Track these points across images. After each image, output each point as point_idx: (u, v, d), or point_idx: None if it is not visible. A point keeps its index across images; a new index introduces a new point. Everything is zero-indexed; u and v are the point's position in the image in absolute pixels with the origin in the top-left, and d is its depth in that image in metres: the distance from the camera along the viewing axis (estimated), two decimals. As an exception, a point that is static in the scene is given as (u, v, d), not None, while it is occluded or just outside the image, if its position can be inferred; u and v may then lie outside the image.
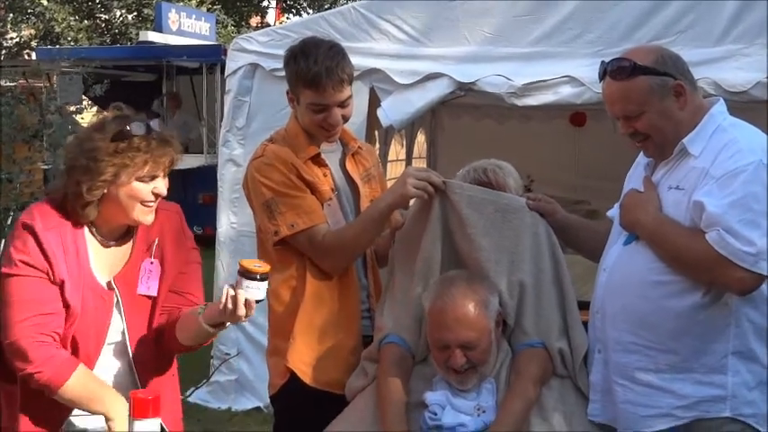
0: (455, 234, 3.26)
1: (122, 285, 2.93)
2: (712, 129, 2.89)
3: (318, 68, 3.30)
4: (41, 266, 2.77)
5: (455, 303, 3.04)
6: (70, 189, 2.82)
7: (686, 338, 2.87)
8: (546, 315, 3.19)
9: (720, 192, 2.75)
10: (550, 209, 3.31)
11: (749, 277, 2.73)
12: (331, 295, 3.42)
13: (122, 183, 2.81)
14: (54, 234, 2.81)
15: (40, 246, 2.78)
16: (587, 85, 5.23)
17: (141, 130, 2.82)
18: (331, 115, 3.37)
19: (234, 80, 6.20)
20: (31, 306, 2.76)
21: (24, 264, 2.77)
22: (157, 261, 2.97)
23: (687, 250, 2.81)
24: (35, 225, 2.79)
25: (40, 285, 2.78)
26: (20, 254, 2.77)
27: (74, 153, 2.84)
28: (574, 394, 3.14)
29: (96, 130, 2.85)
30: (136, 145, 2.81)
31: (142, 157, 2.81)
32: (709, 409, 2.87)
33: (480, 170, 3.45)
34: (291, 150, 3.40)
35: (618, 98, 2.93)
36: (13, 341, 2.75)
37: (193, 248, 3.11)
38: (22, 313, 2.76)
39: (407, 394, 3.10)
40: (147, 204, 2.86)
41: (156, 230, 2.98)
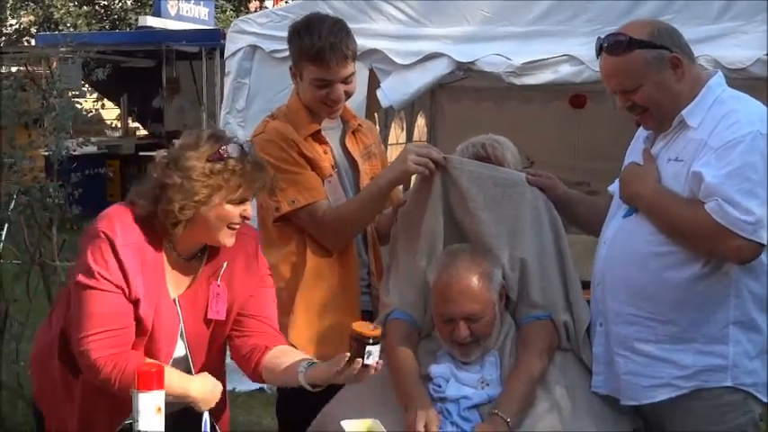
0: (456, 209, 3.29)
1: (186, 305, 2.91)
2: (711, 100, 2.90)
3: (322, 44, 3.31)
4: (119, 283, 2.75)
5: (459, 276, 3.06)
6: (162, 206, 2.78)
7: (686, 309, 2.89)
8: (550, 288, 3.23)
9: (718, 162, 2.77)
10: (550, 184, 3.33)
11: (748, 246, 2.74)
12: (331, 271, 3.45)
13: (214, 204, 2.79)
14: (134, 250, 2.78)
15: (119, 262, 2.75)
16: (586, 63, 5.24)
17: (236, 152, 2.80)
18: (334, 91, 3.39)
19: (233, 62, 6.20)
20: (105, 320, 2.74)
21: (103, 278, 2.73)
22: (224, 284, 2.94)
23: (686, 221, 2.83)
24: (116, 240, 2.75)
25: (116, 301, 2.75)
26: (99, 266, 2.74)
27: (166, 169, 2.79)
28: (576, 367, 3.17)
29: (191, 148, 2.81)
30: (231, 167, 2.78)
31: (236, 180, 2.79)
32: (710, 379, 2.90)
33: (479, 145, 3.47)
34: (292, 127, 3.42)
35: (615, 73, 2.94)
36: (84, 350, 2.74)
37: (267, 275, 3.07)
38: (96, 326, 2.74)
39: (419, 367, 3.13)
40: (232, 227, 2.84)
41: (228, 254, 2.94)
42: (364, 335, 2.62)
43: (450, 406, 2.99)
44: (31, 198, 5.28)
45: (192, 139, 2.86)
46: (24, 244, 5.26)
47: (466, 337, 3.04)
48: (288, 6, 6.95)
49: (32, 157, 5.97)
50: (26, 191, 5.30)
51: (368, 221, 3.54)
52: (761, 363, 2.92)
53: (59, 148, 5.42)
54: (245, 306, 2.98)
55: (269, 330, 3.00)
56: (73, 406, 2.87)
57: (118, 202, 2.92)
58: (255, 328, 2.99)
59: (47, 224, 5.22)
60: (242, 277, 2.97)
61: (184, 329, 2.91)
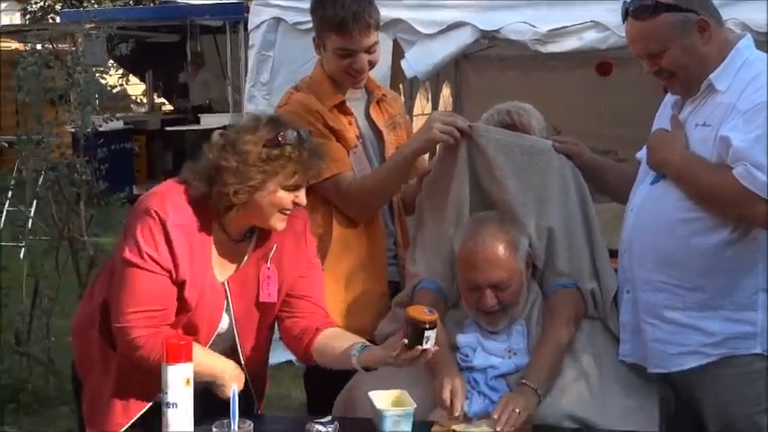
0: (483, 177, 3.27)
1: (235, 288, 2.91)
2: (739, 63, 2.86)
3: (345, 13, 3.30)
4: (166, 265, 2.74)
5: (485, 244, 3.05)
6: (216, 188, 2.77)
7: (714, 275, 2.86)
8: (577, 256, 3.21)
9: (746, 126, 2.73)
10: (577, 150, 3.30)
11: None
12: (358, 242, 3.45)
13: (268, 190, 2.77)
14: (184, 231, 2.77)
15: (169, 243, 2.74)
16: (612, 29, 5.19)
17: (294, 138, 2.78)
18: (357, 61, 3.37)
19: (257, 35, 6.19)
20: (148, 300, 2.74)
21: (150, 258, 2.73)
22: (274, 266, 2.93)
23: (714, 187, 2.80)
24: (167, 220, 2.74)
25: (161, 282, 2.75)
26: (148, 246, 2.73)
27: (223, 151, 2.78)
28: (602, 336, 3.15)
29: (248, 131, 2.79)
30: (287, 154, 2.76)
31: (292, 167, 2.77)
32: (739, 346, 2.87)
33: (504, 112, 3.45)
34: (316, 98, 3.41)
35: (641, 37, 2.90)
36: (123, 327, 2.75)
37: (315, 256, 3.07)
38: (137, 304, 2.74)
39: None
40: (284, 212, 2.83)
41: (278, 236, 2.93)
42: (422, 320, 2.60)
43: (477, 375, 2.98)
44: (58, 174, 5.31)
45: (250, 123, 2.84)
46: (53, 219, 5.30)
47: (493, 306, 3.03)
48: (311, -22, 6.92)
49: (59, 134, 6.01)
50: (54, 167, 5.34)
51: (393, 191, 3.52)
52: None
53: (85, 124, 5.44)
54: (294, 287, 2.98)
55: (319, 312, 2.99)
56: (109, 377, 2.88)
57: (170, 179, 2.90)
58: (306, 310, 2.98)
59: (74, 200, 5.25)
60: (291, 259, 2.96)
61: (233, 311, 2.91)
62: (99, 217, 5.46)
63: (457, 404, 2.83)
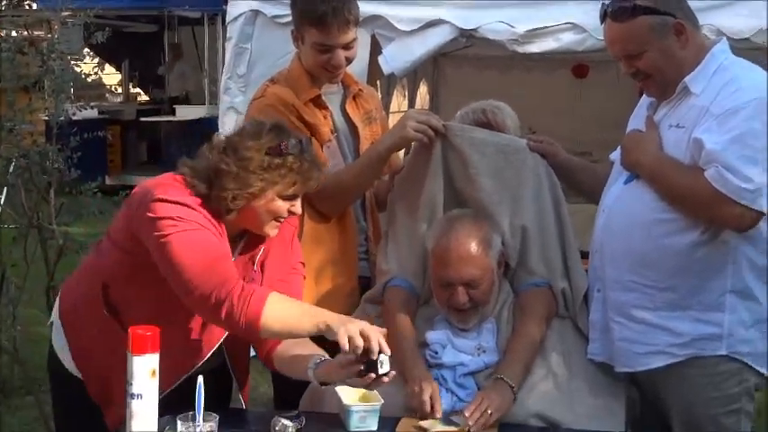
0: (456, 176, 3.27)
1: None
2: (714, 67, 2.88)
3: (325, 8, 3.29)
4: (203, 222, 2.71)
5: (459, 241, 3.05)
6: (215, 192, 2.74)
7: (685, 276, 2.88)
8: (549, 256, 3.22)
9: (720, 128, 2.74)
10: (552, 150, 3.31)
11: (747, 214, 2.73)
12: (330, 237, 3.44)
13: (266, 198, 2.76)
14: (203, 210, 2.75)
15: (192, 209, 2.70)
16: (589, 31, 5.18)
17: (296, 148, 2.76)
18: (335, 56, 3.37)
19: (235, 27, 6.14)
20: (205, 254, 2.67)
21: (185, 220, 2.67)
22: (259, 269, 2.92)
23: (686, 188, 2.81)
24: (180, 199, 2.70)
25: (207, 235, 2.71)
26: (175, 213, 2.66)
27: (223, 155, 2.76)
28: (572, 334, 3.17)
29: (251, 137, 2.77)
30: (289, 164, 2.75)
31: (293, 177, 2.76)
32: (705, 347, 2.89)
33: (479, 110, 3.45)
34: (292, 91, 3.40)
35: (619, 38, 2.92)
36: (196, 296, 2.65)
37: (299, 263, 3.05)
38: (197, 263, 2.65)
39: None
40: (279, 220, 2.83)
41: (266, 240, 2.92)
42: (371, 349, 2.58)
43: (445, 372, 2.98)
44: (29, 161, 5.26)
45: (253, 129, 2.82)
46: (22, 207, 5.25)
47: (465, 303, 3.03)
48: (290, -29, 6.89)
49: (33, 122, 5.95)
50: (25, 154, 5.28)
51: (366, 187, 3.52)
52: (758, 332, 2.91)
53: (58, 112, 5.39)
54: (271, 290, 2.94)
55: None
56: (117, 356, 2.76)
57: (167, 173, 2.86)
58: None
59: (45, 188, 5.20)
60: (275, 262, 2.95)
61: None
62: (70, 206, 5.42)
63: (437, 407, 2.86)
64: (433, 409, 2.84)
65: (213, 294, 2.63)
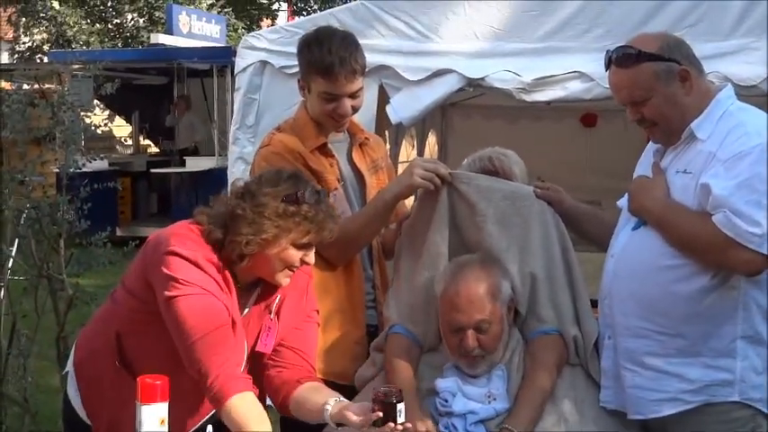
0: (463, 224, 3.27)
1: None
2: (719, 113, 2.89)
3: (332, 58, 3.31)
4: (209, 287, 2.73)
5: (468, 286, 3.05)
6: (230, 237, 2.77)
7: (695, 322, 2.87)
8: (559, 302, 3.21)
9: (727, 173, 2.75)
10: (557, 197, 3.32)
11: (756, 259, 2.72)
12: (336, 285, 3.44)
13: (280, 246, 2.78)
14: (210, 265, 2.76)
15: (202, 271, 2.73)
16: (596, 80, 5.20)
17: (313, 198, 2.79)
18: (341, 105, 3.38)
19: (243, 78, 6.19)
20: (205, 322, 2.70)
21: (192, 283, 2.70)
22: (275, 318, 2.93)
23: (694, 234, 2.81)
24: (193, 254, 2.73)
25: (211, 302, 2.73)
26: (183, 275, 2.70)
27: (241, 200, 2.79)
28: (584, 382, 3.15)
29: (269, 184, 2.80)
30: (304, 212, 2.77)
31: (307, 225, 2.78)
32: (717, 394, 2.87)
33: (486, 158, 3.46)
34: (299, 139, 3.42)
35: (624, 85, 2.93)
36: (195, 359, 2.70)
37: (313, 311, 3.06)
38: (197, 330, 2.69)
39: (416, 381, 3.11)
40: (292, 269, 2.84)
41: (282, 289, 2.94)
42: (390, 394, 2.61)
43: (456, 421, 2.97)
44: (40, 213, 5.28)
45: (272, 176, 2.86)
46: (32, 258, 5.26)
47: (474, 348, 3.02)
48: (298, 22, 6.95)
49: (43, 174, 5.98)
50: (36, 206, 5.30)
51: (373, 235, 3.51)
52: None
53: (69, 163, 5.42)
54: (286, 338, 2.96)
55: (305, 365, 2.97)
56: (127, 409, 2.76)
57: (182, 221, 2.89)
58: (292, 361, 2.96)
59: (55, 238, 5.21)
60: (290, 311, 2.96)
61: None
62: (80, 257, 5.43)
63: None
64: None
65: (202, 365, 2.69)
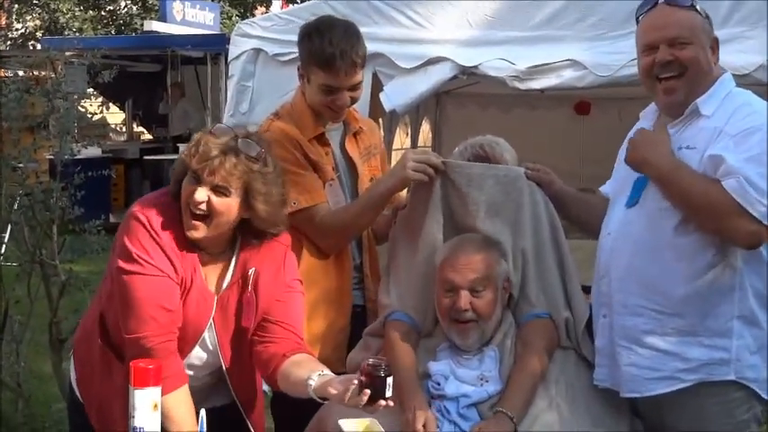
0: (457, 213, 3.29)
1: (218, 308, 2.90)
2: (724, 93, 2.93)
3: (333, 50, 3.29)
4: (163, 266, 2.74)
5: (467, 251, 3.13)
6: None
7: (693, 301, 2.88)
8: (549, 285, 3.24)
9: (737, 147, 2.77)
10: (548, 179, 3.33)
11: (759, 230, 2.73)
12: (326, 275, 3.46)
13: (184, 183, 2.77)
14: (171, 233, 2.77)
15: (159, 245, 2.74)
16: (590, 68, 5.23)
17: (224, 133, 2.77)
18: (340, 98, 3.38)
19: (237, 65, 6.20)
20: (152, 305, 2.74)
21: (145, 262, 2.73)
22: (253, 292, 2.91)
23: (701, 195, 2.80)
24: (152, 222, 2.75)
25: (162, 284, 2.75)
26: (139, 250, 2.73)
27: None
28: (575, 365, 3.17)
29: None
30: (195, 139, 2.77)
31: (193, 149, 2.74)
32: (714, 372, 2.89)
33: (477, 145, 3.48)
34: (297, 128, 3.41)
35: (673, 23, 2.94)
36: (141, 336, 2.73)
37: (294, 280, 3.02)
38: (142, 312, 2.73)
39: None
40: (194, 213, 2.76)
41: (257, 259, 2.91)
42: (378, 367, 2.56)
43: (448, 404, 2.99)
44: (33, 199, 5.28)
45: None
46: (25, 245, 5.27)
47: (467, 310, 3.05)
48: (292, 10, 6.95)
49: (37, 160, 5.98)
50: (29, 192, 5.31)
51: (366, 226, 3.53)
52: (761, 358, 2.92)
53: (63, 151, 5.42)
54: (269, 311, 2.94)
55: (291, 338, 2.95)
56: (113, 386, 2.85)
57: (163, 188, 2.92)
58: (279, 335, 2.94)
59: (48, 225, 5.22)
60: (268, 283, 2.93)
61: (214, 326, 2.90)
62: (73, 244, 5.43)
63: None
64: None
65: (155, 350, 2.73)
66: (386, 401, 2.57)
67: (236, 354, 2.96)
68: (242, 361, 2.98)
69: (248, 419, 3.06)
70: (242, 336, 2.95)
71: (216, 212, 2.75)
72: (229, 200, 2.75)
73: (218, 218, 2.76)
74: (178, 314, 2.79)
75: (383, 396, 2.56)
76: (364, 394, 2.53)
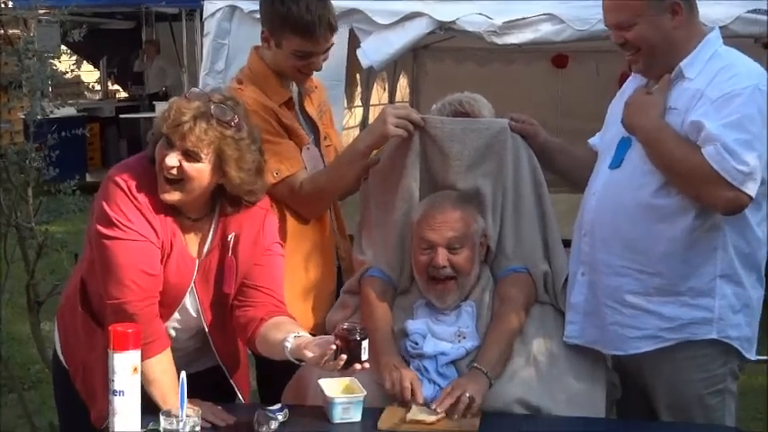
0: (436, 170, 3.28)
1: (198, 276, 2.89)
2: (709, 53, 2.90)
3: (312, 18, 3.23)
4: (143, 230, 2.72)
5: (444, 208, 3.11)
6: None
7: (676, 261, 2.89)
8: (528, 239, 3.24)
9: (717, 113, 2.76)
10: (532, 131, 3.31)
11: (738, 197, 2.74)
12: (311, 233, 3.44)
13: (158, 147, 2.74)
14: (150, 198, 2.74)
15: (139, 209, 2.72)
16: (567, 22, 5.21)
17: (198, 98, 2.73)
18: (315, 62, 3.34)
19: (212, 23, 6.13)
20: (133, 270, 2.72)
21: (125, 227, 2.70)
22: (233, 257, 2.88)
23: (681, 161, 2.81)
24: (132, 186, 2.73)
25: (143, 248, 2.73)
26: (118, 215, 2.71)
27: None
28: (553, 320, 3.17)
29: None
30: (174, 102, 2.73)
31: (170, 113, 2.70)
32: (696, 332, 2.91)
33: (456, 102, 3.45)
34: (263, 93, 3.34)
35: (612, 7, 2.94)
36: (124, 301, 2.72)
37: (274, 243, 2.98)
38: (123, 277, 2.71)
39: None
40: (167, 178, 2.73)
41: (236, 224, 2.88)
42: (353, 331, 2.57)
43: (427, 363, 2.98)
44: (7, 161, 5.22)
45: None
46: (0, 207, 5.22)
47: (444, 266, 3.05)
48: (267, -34, 6.87)
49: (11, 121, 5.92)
50: (2, 154, 5.25)
51: (345, 186, 3.46)
52: (744, 317, 2.94)
53: (35, 110, 5.36)
54: (249, 275, 2.92)
55: (269, 301, 2.93)
56: (96, 353, 2.83)
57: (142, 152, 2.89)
58: (258, 299, 2.92)
59: (23, 187, 5.17)
60: (247, 248, 2.91)
61: (195, 291, 2.89)
62: (49, 204, 5.38)
63: (418, 393, 2.87)
64: (414, 395, 2.85)
65: (137, 314, 2.72)
66: (361, 365, 2.59)
67: (218, 316, 2.95)
68: (224, 323, 2.97)
69: (233, 381, 3.06)
70: (223, 300, 2.94)
71: (187, 177, 2.72)
72: (201, 165, 2.72)
73: (191, 183, 2.74)
74: (159, 278, 2.78)
75: (359, 360, 2.57)
76: (340, 359, 2.55)
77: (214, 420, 2.73)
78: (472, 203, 3.19)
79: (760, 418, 5.07)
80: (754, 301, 2.97)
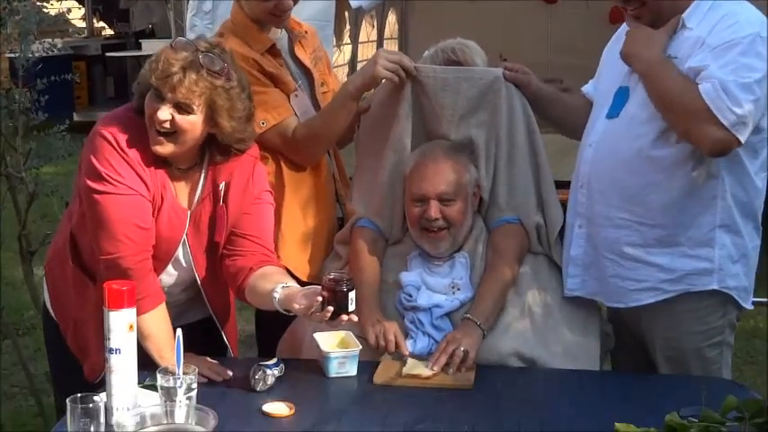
0: (428, 120, 3.25)
1: (192, 224, 2.88)
2: (709, 4, 2.88)
3: None
4: (133, 184, 2.71)
5: (436, 159, 3.10)
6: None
7: (675, 212, 2.89)
8: (521, 189, 3.22)
9: (716, 61, 2.75)
10: (525, 80, 3.27)
11: (726, 139, 2.73)
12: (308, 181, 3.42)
13: (147, 99, 2.71)
14: (138, 150, 2.72)
15: (127, 161, 2.70)
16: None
17: (185, 47, 2.69)
18: (283, 2, 3.28)
19: (200, -39, 6.05)
20: (125, 224, 2.71)
21: (115, 180, 2.69)
22: (224, 206, 2.87)
23: (676, 94, 2.80)
24: (119, 139, 2.70)
25: (133, 202, 2.72)
26: (107, 169, 2.69)
27: None
28: (547, 271, 3.18)
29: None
30: (160, 53, 2.70)
31: (157, 64, 2.67)
32: (697, 283, 2.92)
33: (449, 50, 3.40)
34: (245, 43, 3.30)
35: None
36: (118, 256, 2.72)
37: (264, 192, 2.97)
38: (116, 232, 2.71)
39: (381, 274, 3.14)
40: (157, 130, 2.71)
41: (226, 173, 2.87)
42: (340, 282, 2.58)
43: (421, 315, 2.99)
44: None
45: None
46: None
47: (437, 218, 3.04)
48: None
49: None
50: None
51: (339, 131, 3.40)
52: (742, 267, 2.95)
53: (25, 53, 5.29)
54: (238, 224, 2.91)
55: (258, 250, 2.93)
56: (87, 308, 2.84)
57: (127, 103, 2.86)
58: (247, 248, 2.91)
59: (12, 133, 5.12)
60: (237, 196, 2.90)
61: (188, 242, 2.89)
62: (38, 149, 5.34)
63: (402, 345, 2.88)
64: (399, 347, 2.88)
65: (132, 269, 2.72)
66: (348, 316, 2.60)
67: (210, 268, 2.95)
68: (216, 274, 2.97)
69: (223, 332, 3.07)
70: (215, 250, 2.93)
71: (180, 130, 2.71)
72: (193, 117, 2.70)
73: (183, 135, 2.72)
74: (152, 232, 2.78)
75: (345, 311, 2.59)
76: (327, 310, 2.56)
77: (210, 375, 2.75)
78: (464, 153, 3.17)
79: (752, 362, 5.12)
80: (751, 250, 2.98)
